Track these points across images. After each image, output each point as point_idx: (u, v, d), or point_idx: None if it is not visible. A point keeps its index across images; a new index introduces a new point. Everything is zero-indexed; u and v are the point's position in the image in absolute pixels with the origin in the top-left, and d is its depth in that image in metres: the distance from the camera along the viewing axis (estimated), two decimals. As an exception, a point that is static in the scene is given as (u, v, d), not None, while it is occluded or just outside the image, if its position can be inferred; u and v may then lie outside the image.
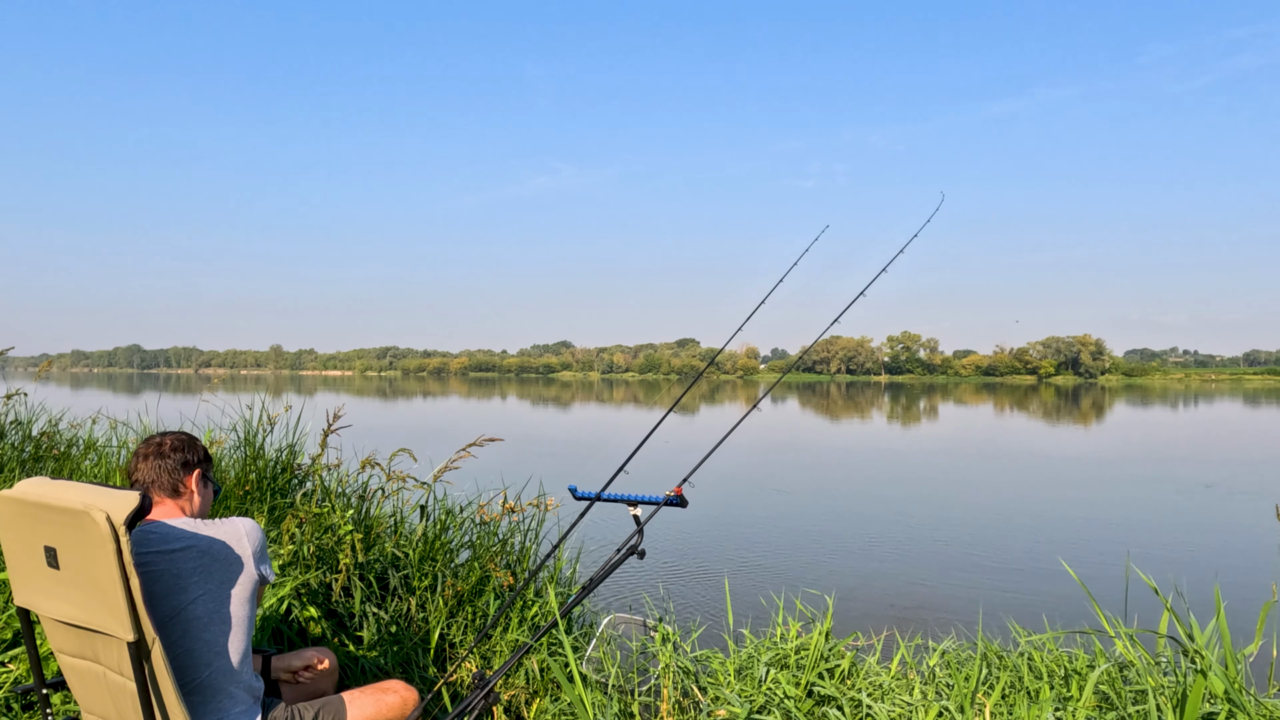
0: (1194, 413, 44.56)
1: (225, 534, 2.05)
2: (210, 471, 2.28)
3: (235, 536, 2.06)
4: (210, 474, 2.28)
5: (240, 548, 2.06)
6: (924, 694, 2.90)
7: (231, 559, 2.04)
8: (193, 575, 1.98)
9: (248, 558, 2.06)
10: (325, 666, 2.53)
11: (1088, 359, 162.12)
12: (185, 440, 2.22)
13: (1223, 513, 12.09)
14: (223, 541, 2.03)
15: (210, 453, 2.43)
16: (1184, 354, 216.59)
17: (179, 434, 2.25)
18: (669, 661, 2.99)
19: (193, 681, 1.99)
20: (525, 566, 4.47)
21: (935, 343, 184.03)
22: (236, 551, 2.05)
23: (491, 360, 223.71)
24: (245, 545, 2.06)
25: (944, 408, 50.04)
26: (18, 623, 2.71)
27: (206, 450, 2.28)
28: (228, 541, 2.04)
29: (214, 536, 2.03)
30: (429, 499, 4.46)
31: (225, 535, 2.05)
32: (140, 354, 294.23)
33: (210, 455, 2.37)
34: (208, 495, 2.25)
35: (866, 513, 12.06)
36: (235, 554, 2.05)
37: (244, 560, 2.06)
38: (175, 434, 2.24)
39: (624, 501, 2.98)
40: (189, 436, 2.27)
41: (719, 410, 45.44)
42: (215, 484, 2.31)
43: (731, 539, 9.91)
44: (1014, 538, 10.26)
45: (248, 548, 2.07)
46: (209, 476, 2.26)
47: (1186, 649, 2.82)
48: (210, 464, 2.28)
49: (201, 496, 2.22)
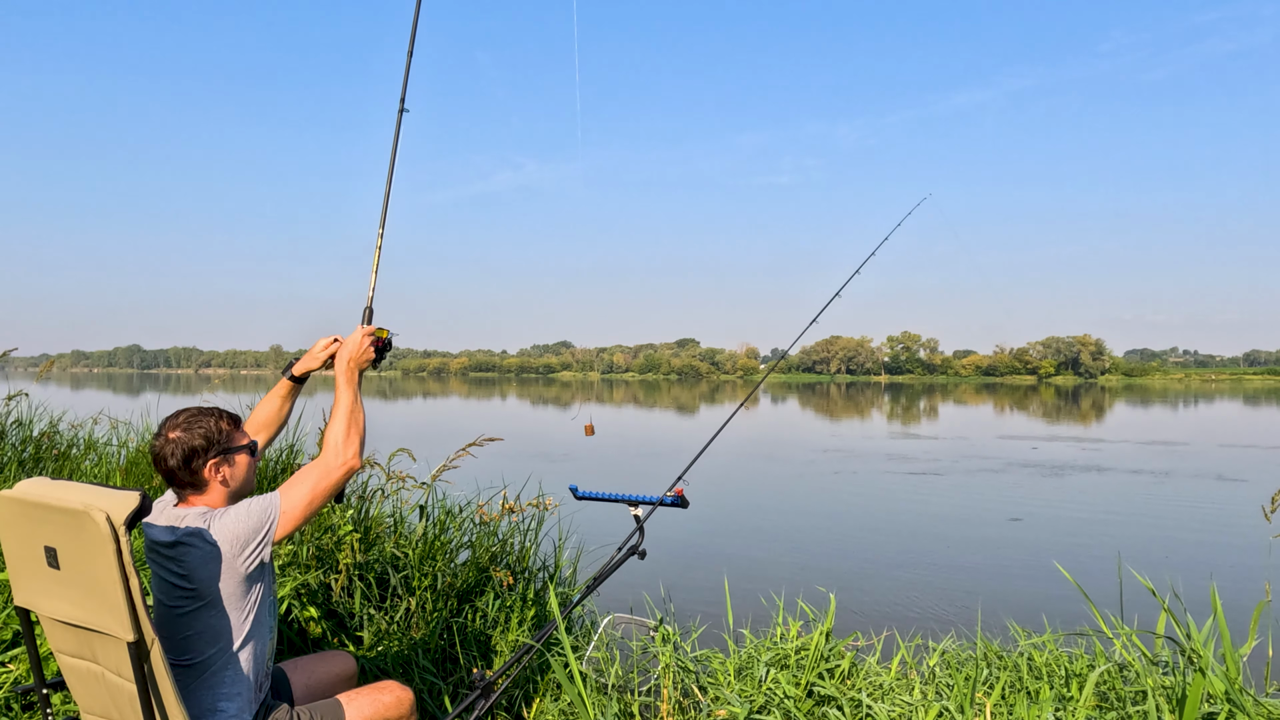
0: (1193, 413, 44.57)
1: (218, 528, 2.00)
2: (233, 440, 2.14)
3: (224, 532, 2.00)
4: (232, 444, 2.13)
5: (226, 541, 1.99)
6: (924, 694, 2.91)
7: (213, 556, 1.98)
8: (177, 573, 1.98)
9: (230, 554, 1.99)
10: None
11: (1088, 359, 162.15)
12: (180, 437, 2.07)
13: (1218, 512, 12.09)
14: (211, 538, 1.99)
15: (236, 415, 2.22)
16: (1184, 354, 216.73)
17: (171, 435, 2.08)
18: (669, 661, 2.99)
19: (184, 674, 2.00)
20: (525, 566, 4.47)
21: (935, 343, 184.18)
22: (221, 548, 1.98)
23: (491, 360, 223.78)
24: (231, 538, 1.99)
25: (944, 408, 50.05)
26: (18, 623, 2.71)
27: (215, 422, 2.12)
28: (217, 537, 1.99)
29: (203, 532, 1.99)
30: (428, 499, 4.46)
31: (216, 530, 2.00)
32: (140, 354, 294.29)
33: (222, 422, 2.15)
34: (238, 469, 2.15)
35: (867, 512, 12.07)
36: (219, 551, 1.98)
37: (226, 555, 1.98)
38: (169, 437, 2.08)
39: (624, 501, 2.98)
40: (185, 422, 2.10)
41: (719, 410, 45.46)
42: (248, 444, 2.18)
43: (731, 539, 9.92)
44: (1014, 538, 10.27)
45: (232, 541, 1.99)
46: (230, 450, 2.12)
47: (1184, 649, 2.82)
48: (226, 435, 2.13)
49: (229, 475, 2.13)
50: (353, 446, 2.15)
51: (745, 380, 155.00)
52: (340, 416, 2.18)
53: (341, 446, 2.14)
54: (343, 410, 2.19)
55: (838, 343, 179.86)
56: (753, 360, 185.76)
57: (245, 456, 2.18)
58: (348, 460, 2.13)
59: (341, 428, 2.16)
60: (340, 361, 2.32)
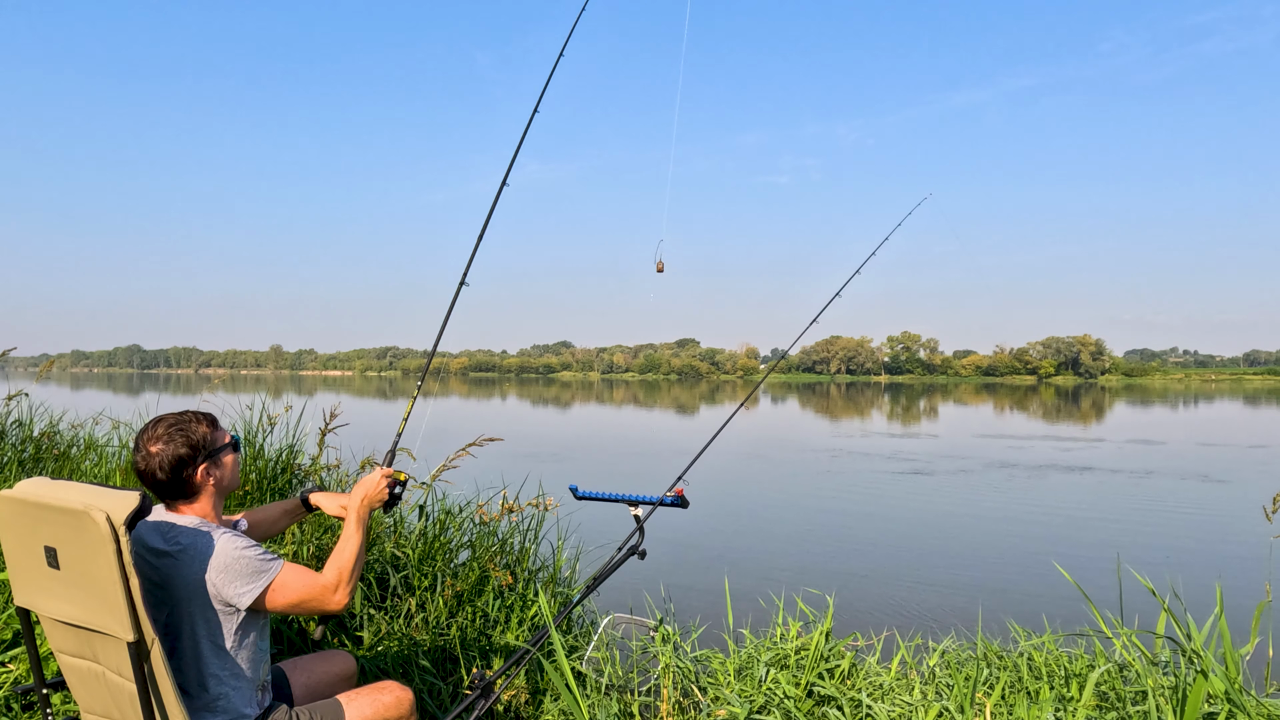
0: (1193, 413, 44.57)
1: (202, 550, 1.98)
2: (216, 441, 2.12)
3: (215, 559, 1.98)
4: (216, 445, 2.12)
5: (216, 570, 1.98)
6: (924, 694, 2.91)
7: (198, 581, 1.97)
8: (155, 582, 1.98)
9: (214, 581, 1.98)
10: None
11: (1088, 359, 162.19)
12: (164, 450, 2.04)
13: (1218, 512, 12.09)
14: (198, 558, 1.98)
15: (211, 415, 2.18)
16: (1184, 354, 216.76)
17: (153, 449, 2.05)
18: (669, 661, 2.99)
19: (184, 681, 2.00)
20: (525, 566, 4.47)
21: (935, 343, 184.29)
22: (207, 576, 1.97)
23: (491, 360, 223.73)
24: (220, 568, 1.98)
25: (944, 408, 50.05)
26: (18, 623, 2.71)
27: (195, 427, 2.09)
28: (201, 560, 1.98)
29: (194, 550, 1.98)
30: (428, 499, 4.46)
31: (200, 552, 1.98)
32: (140, 354, 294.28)
33: (202, 426, 2.12)
34: (225, 469, 2.14)
35: (866, 512, 12.07)
36: (202, 577, 1.97)
37: (209, 584, 1.97)
38: (152, 450, 2.04)
39: (624, 501, 2.98)
40: (165, 434, 2.06)
41: (719, 410, 45.46)
42: (230, 442, 2.16)
43: (731, 539, 9.92)
44: (1014, 538, 10.27)
45: (220, 571, 1.98)
46: (215, 452, 2.11)
47: (1185, 649, 2.82)
48: (209, 438, 2.11)
49: (219, 477, 2.12)
50: (350, 590, 2.15)
51: (745, 380, 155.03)
52: (349, 557, 2.17)
53: (345, 585, 2.13)
54: (351, 552, 2.18)
55: (838, 343, 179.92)
56: (753, 360, 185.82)
57: (230, 455, 2.18)
58: (341, 601, 2.13)
59: (348, 569, 2.15)
60: (355, 499, 2.31)
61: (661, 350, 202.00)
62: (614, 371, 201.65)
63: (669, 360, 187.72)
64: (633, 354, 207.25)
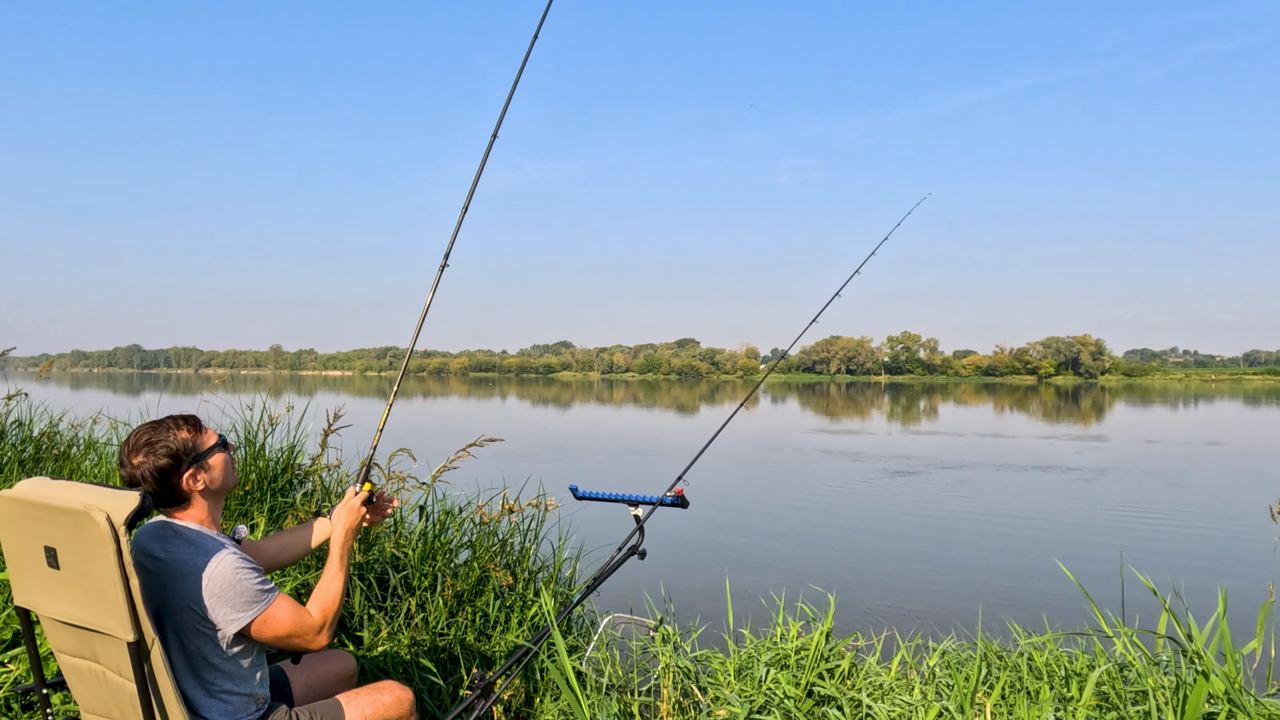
0: (1193, 413, 44.57)
1: (199, 566, 1.97)
2: (200, 445, 2.07)
3: (210, 578, 1.96)
4: (200, 449, 2.06)
5: (211, 593, 1.96)
6: (924, 694, 2.90)
7: (192, 595, 1.96)
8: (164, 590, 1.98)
9: (208, 603, 1.96)
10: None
11: (1088, 359, 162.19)
12: (146, 461, 2.01)
13: (1220, 512, 12.09)
14: (194, 573, 1.97)
15: (193, 417, 2.13)
16: (1184, 354, 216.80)
17: (135, 461, 2.01)
18: (669, 661, 2.99)
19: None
20: (525, 566, 4.47)
21: (935, 343, 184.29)
22: (205, 594, 1.96)
23: (491, 360, 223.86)
24: (215, 591, 1.96)
25: (944, 408, 50.04)
26: (18, 623, 2.72)
27: (174, 434, 2.04)
28: (195, 575, 1.96)
29: (192, 564, 1.97)
30: (428, 499, 4.46)
31: (196, 567, 1.97)
32: (140, 354, 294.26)
33: (182, 432, 2.06)
34: (215, 471, 2.10)
35: (866, 512, 12.06)
36: (197, 596, 1.96)
37: (201, 601, 1.95)
38: (134, 463, 2.01)
39: (624, 502, 2.98)
40: (145, 445, 2.02)
41: (719, 410, 45.47)
42: (219, 443, 2.12)
43: (731, 539, 9.92)
44: (1014, 537, 10.26)
45: (216, 594, 1.96)
46: (200, 456, 2.06)
47: (1186, 649, 2.82)
48: (191, 443, 2.06)
49: (209, 480, 2.08)
50: (331, 632, 2.17)
51: (745, 380, 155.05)
52: (333, 598, 2.17)
53: (329, 628, 2.15)
54: (335, 593, 2.18)
55: (838, 343, 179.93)
56: (753, 360, 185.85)
57: (219, 455, 2.12)
58: (323, 642, 2.14)
59: (332, 611, 2.16)
60: (337, 532, 2.28)
61: (661, 350, 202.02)
62: (614, 371, 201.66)
63: (669, 360, 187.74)
64: (633, 354, 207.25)
